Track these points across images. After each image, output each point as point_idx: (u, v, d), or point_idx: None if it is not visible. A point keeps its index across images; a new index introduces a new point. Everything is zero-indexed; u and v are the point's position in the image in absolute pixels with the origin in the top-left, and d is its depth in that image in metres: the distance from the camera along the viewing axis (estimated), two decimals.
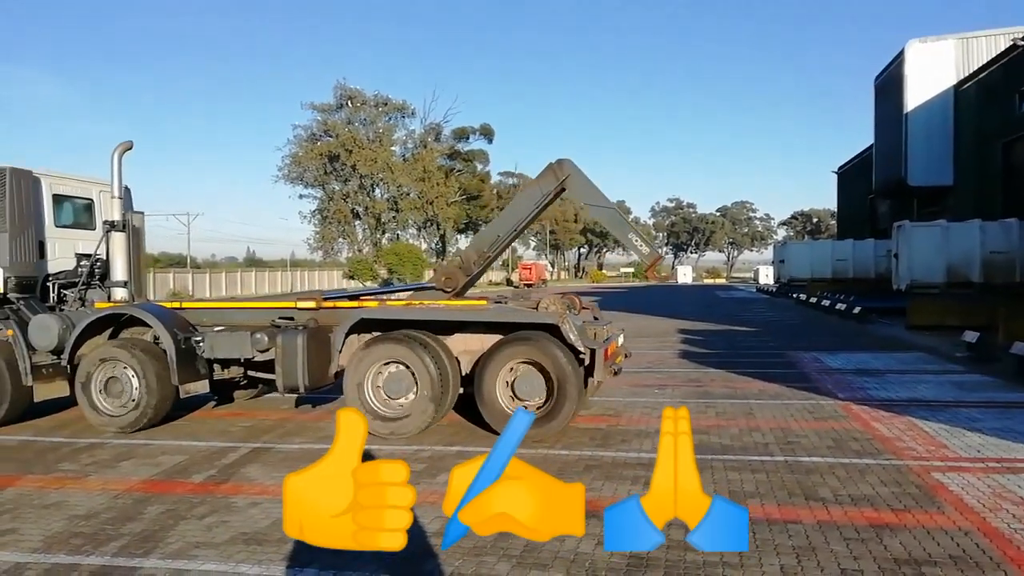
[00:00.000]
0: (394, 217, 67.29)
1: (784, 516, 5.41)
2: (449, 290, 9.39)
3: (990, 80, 28.10)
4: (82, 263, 9.75)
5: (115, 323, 9.20)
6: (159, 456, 7.63)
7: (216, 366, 9.14)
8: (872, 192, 39.08)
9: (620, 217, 9.25)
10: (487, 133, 79.45)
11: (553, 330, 7.89)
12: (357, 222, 65.21)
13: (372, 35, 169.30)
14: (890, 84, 33.82)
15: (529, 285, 64.12)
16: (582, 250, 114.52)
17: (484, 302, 9.19)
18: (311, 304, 9.10)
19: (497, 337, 8.34)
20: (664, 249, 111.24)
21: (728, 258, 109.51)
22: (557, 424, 7.79)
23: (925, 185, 31.16)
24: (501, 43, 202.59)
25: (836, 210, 57.85)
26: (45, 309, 9.38)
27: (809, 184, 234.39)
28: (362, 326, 8.52)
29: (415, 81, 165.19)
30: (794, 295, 36.34)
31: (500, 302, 9.06)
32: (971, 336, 14.61)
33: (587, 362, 7.81)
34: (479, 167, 79.14)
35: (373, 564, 4.72)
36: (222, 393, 10.22)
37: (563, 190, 9.12)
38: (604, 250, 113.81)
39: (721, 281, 78.96)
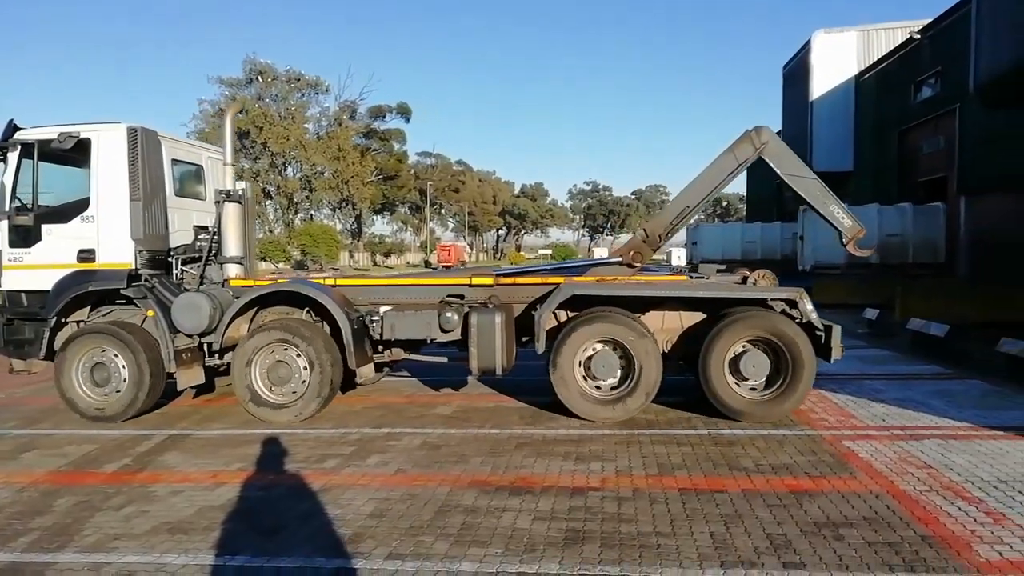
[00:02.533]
0: (307, 197, 65.55)
1: (711, 486, 5.60)
2: (637, 265, 9.03)
3: (888, 71, 29.62)
4: (201, 236, 8.94)
5: (258, 304, 8.48)
6: (65, 447, 7.21)
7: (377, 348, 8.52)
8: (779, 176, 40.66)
9: (823, 188, 8.75)
10: (405, 112, 78.19)
11: (792, 305, 7.71)
12: (268, 202, 63.19)
13: (284, 9, 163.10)
14: (797, 73, 35.19)
15: (447, 267, 63.74)
16: (500, 232, 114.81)
17: (684, 278, 8.98)
18: (487, 280, 8.58)
19: (699, 316, 8.11)
20: (581, 232, 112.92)
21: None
22: (791, 405, 7.54)
23: (828, 170, 32.55)
24: (420, 22, 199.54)
25: (745, 194, 59.95)
26: (180, 288, 8.60)
27: None
28: (569, 303, 7.98)
29: (330, 58, 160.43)
30: None
31: (700, 277, 8.86)
32: (871, 313, 15.51)
33: (823, 339, 7.61)
34: (396, 146, 77.94)
35: (307, 547, 4.61)
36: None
37: (760, 158, 8.79)
38: (522, 232, 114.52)
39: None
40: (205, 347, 8.38)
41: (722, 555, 4.36)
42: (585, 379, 7.76)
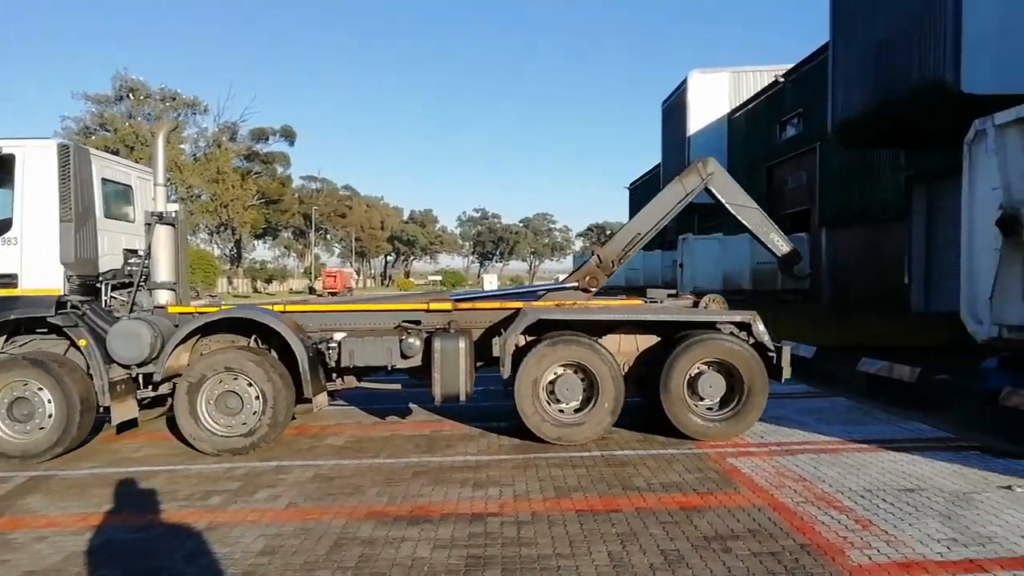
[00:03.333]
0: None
1: (606, 506, 5.73)
2: (592, 289, 9.06)
3: (757, 110, 31.78)
4: (131, 260, 8.29)
5: (198, 332, 7.96)
6: None
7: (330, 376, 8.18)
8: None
9: (764, 217, 9.13)
10: (288, 135, 76.33)
11: (746, 328, 7.94)
12: None
13: (157, 26, 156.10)
14: (675, 109, 37.12)
15: (333, 293, 62.20)
16: (389, 258, 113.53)
17: (639, 302, 9.00)
18: (446, 305, 8.42)
19: (654, 339, 8.20)
20: (471, 258, 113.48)
21: (531, 267, 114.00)
22: (746, 425, 7.81)
23: (705, 202, 34.44)
24: (310, 45, 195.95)
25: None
26: (112, 315, 7.94)
27: (603, 198, 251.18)
28: (533, 328, 7.91)
29: (211, 78, 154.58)
30: None
31: (654, 302, 8.92)
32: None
33: (775, 361, 7.87)
34: (280, 170, 75.80)
35: None
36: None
37: (706, 189, 9.07)
38: (411, 258, 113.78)
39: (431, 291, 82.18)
40: (140, 379, 7.87)
41: (620, 573, 4.46)
42: (549, 403, 7.80)
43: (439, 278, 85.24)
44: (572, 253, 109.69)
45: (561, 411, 7.82)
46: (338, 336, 8.10)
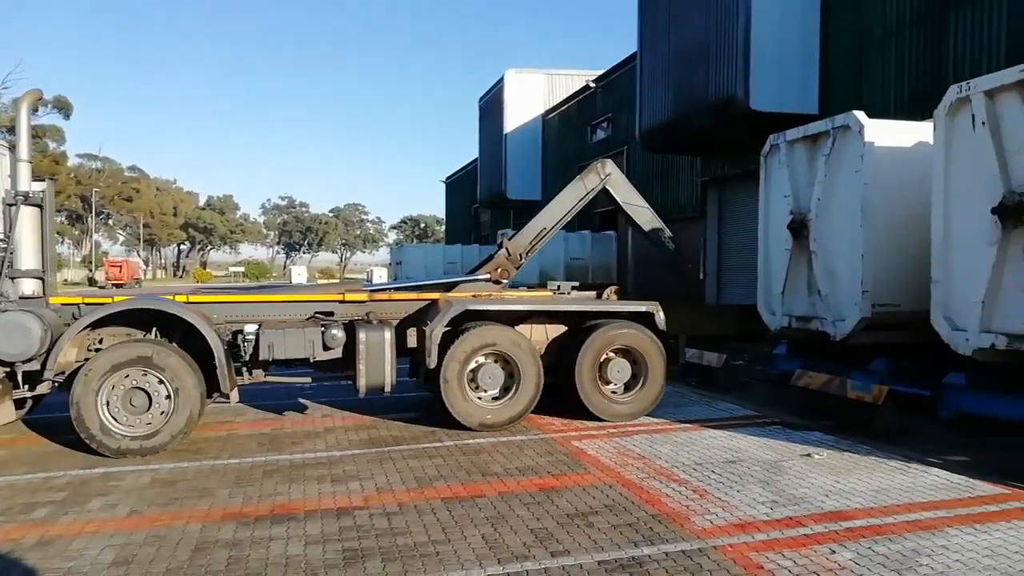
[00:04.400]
0: None
1: (470, 493, 5.92)
2: (503, 281, 9.37)
3: (570, 113, 33.42)
4: None
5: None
6: None
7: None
8: (477, 202, 43.42)
9: (652, 215, 9.93)
10: (64, 107, 68.37)
11: (647, 318, 8.57)
12: None
13: None
14: (492, 106, 38.00)
15: (119, 285, 56.70)
16: (183, 247, 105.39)
17: (549, 293, 9.29)
18: (361, 296, 8.34)
19: (560, 328, 8.57)
20: (276, 249, 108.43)
21: (341, 259, 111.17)
22: (649, 405, 8.51)
23: (520, 199, 35.73)
24: (91, 7, 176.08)
25: (444, 216, 62.91)
26: None
27: (417, 191, 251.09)
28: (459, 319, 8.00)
29: None
30: None
31: (562, 294, 9.31)
32: None
33: (674, 347, 8.67)
34: (52, 145, 67.72)
35: None
36: None
37: (604, 188, 9.59)
38: (208, 248, 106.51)
39: (335, 281, 79.80)
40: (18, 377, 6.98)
41: (497, 553, 4.68)
42: (473, 389, 7.99)
43: (241, 269, 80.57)
44: (386, 245, 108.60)
45: (480, 397, 8.05)
46: (250, 328, 7.72)
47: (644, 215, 10.08)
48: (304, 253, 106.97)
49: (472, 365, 8.01)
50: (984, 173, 6.98)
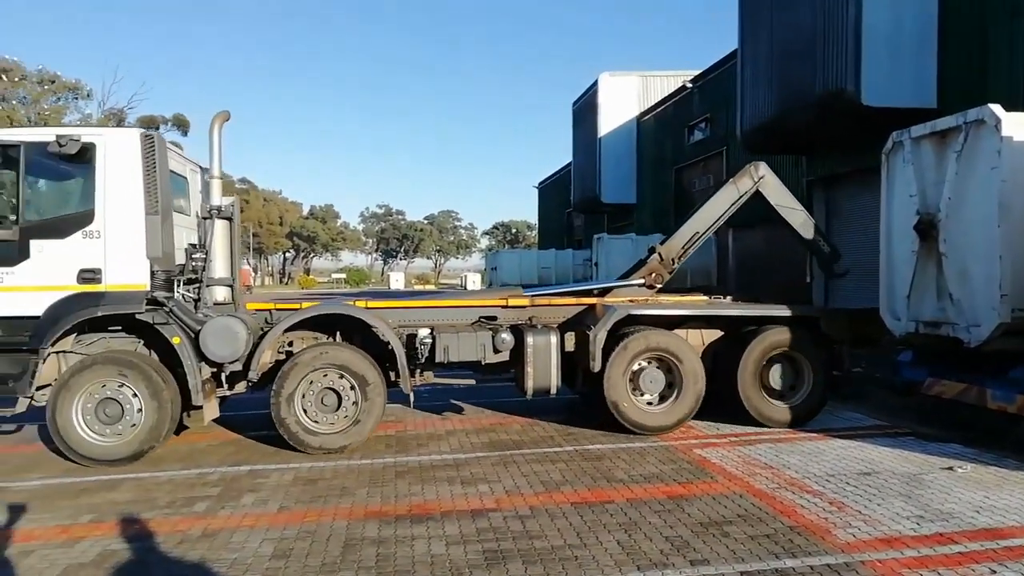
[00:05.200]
0: None
1: (598, 498, 5.98)
2: (658, 285, 9.44)
3: (665, 114, 32.97)
4: (195, 256, 7.72)
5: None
6: None
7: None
8: (570, 206, 43.43)
9: (808, 218, 9.64)
10: (182, 124, 72.41)
11: (812, 322, 8.58)
12: None
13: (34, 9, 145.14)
14: (586, 110, 37.95)
15: None
16: (288, 255, 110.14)
17: (705, 299, 9.49)
18: (523, 301, 8.62)
19: (715, 333, 8.62)
20: (374, 255, 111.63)
21: (436, 265, 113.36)
22: (811, 414, 8.54)
23: (615, 202, 35.52)
24: (204, 34, 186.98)
25: (536, 221, 63.17)
26: (195, 313, 7.59)
27: (508, 196, 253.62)
28: (622, 323, 8.18)
29: (97, 63, 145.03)
30: None
31: (718, 298, 9.48)
32: None
33: (839, 353, 8.69)
34: None
35: None
36: None
37: (757, 191, 9.50)
38: (312, 255, 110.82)
39: (431, 287, 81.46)
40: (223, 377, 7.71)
41: (635, 560, 4.71)
42: (634, 393, 8.18)
43: (343, 276, 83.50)
44: (478, 251, 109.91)
45: (638, 402, 8.22)
46: (423, 332, 8.17)
47: (798, 218, 9.86)
48: (401, 259, 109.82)
49: (635, 368, 8.15)
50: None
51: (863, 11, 15.55)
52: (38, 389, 7.14)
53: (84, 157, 7.17)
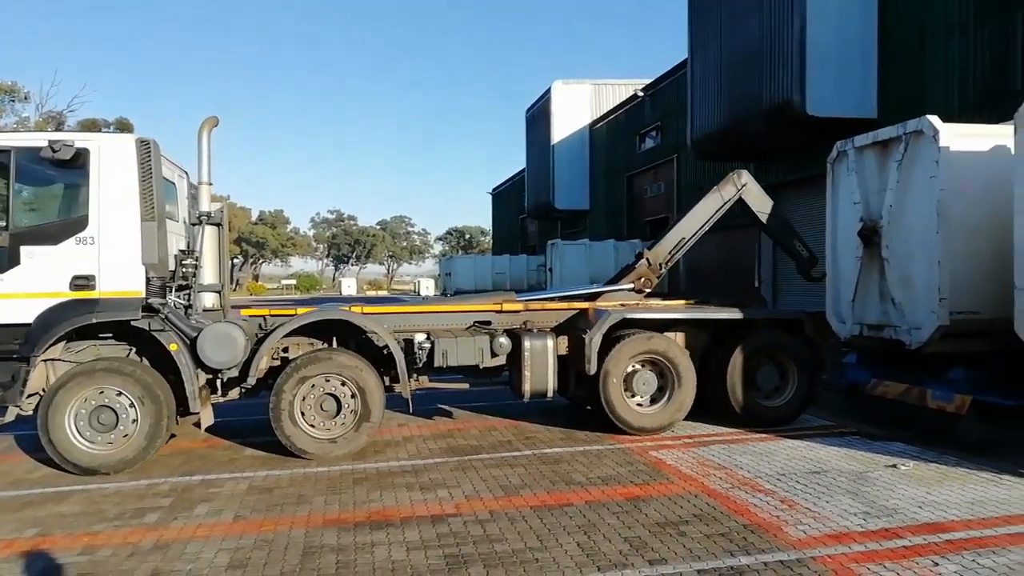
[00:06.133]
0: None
1: (557, 501, 6.03)
2: (647, 289, 9.56)
3: (617, 122, 33.42)
4: (185, 262, 7.65)
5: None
6: None
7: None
8: (524, 212, 43.64)
9: (788, 225, 9.94)
10: (125, 128, 70.51)
11: (796, 325, 8.92)
12: None
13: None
14: (539, 118, 38.23)
15: None
16: (235, 261, 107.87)
17: (690, 302, 9.56)
18: (517, 306, 8.70)
19: (702, 336, 8.78)
20: (325, 261, 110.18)
21: (388, 270, 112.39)
22: (796, 413, 8.84)
23: (568, 208, 35.85)
24: (150, 37, 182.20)
25: (491, 227, 63.30)
26: (189, 319, 7.51)
27: (462, 202, 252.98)
28: (617, 326, 8.35)
29: (33, 65, 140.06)
30: None
31: (705, 303, 9.53)
32: None
33: (821, 354, 8.97)
34: None
35: None
36: None
37: (740, 198, 9.70)
38: (261, 261, 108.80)
39: (384, 293, 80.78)
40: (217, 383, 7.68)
41: (595, 561, 4.78)
42: (627, 395, 8.33)
43: (293, 282, 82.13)
44: (431, 256, 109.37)
45: (640, 404, 8.39)
46: (420, 336, 8.17)
47: (779, 224, 10.21)
48: (352, 265, 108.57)
49: (629, 370, 8.31)
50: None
51: (807, 26, 16.08)
52: (27, 398, 6.97)
53: (77, 163, 7.05)
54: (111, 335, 7.45)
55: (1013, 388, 7.86)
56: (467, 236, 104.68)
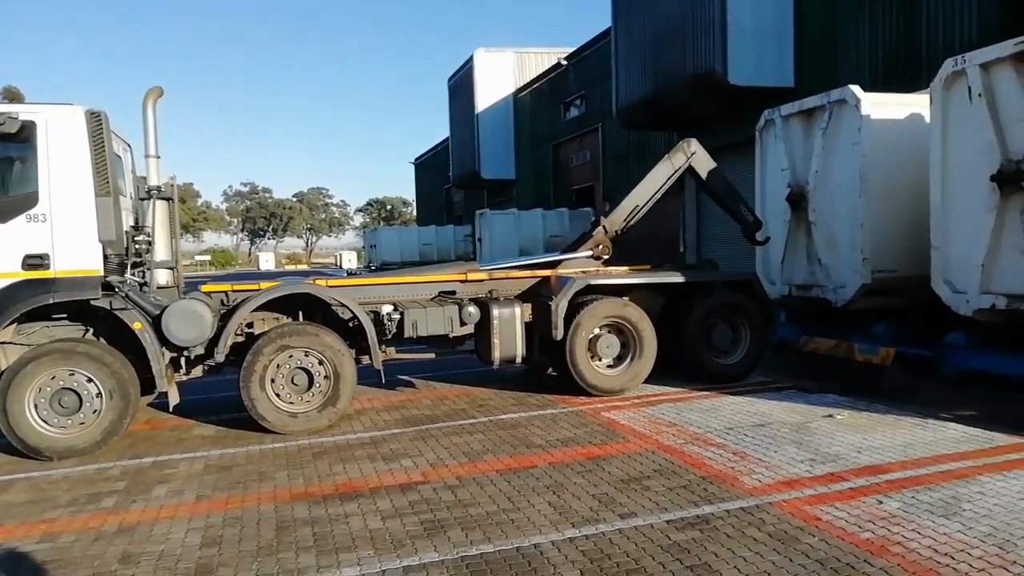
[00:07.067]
0: None
1: (521, 464, 6.18)
2: (605, 257, 9.77)
3: (541, 91, 33.49)
4: (137, 239, 7.44)
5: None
6: None
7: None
8: (449, 182, 43.34)
9: (734, 191, 10.19)
10: (14, 97, 66.18)
11: (746, 286, 9.52)
12: None
13: None
14: (462, 86, 37.86)
15: None
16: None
17: (648, 268, 9.96)
18: (482, 275, 8.87)
19: (661, 300, 9.17)
20: (240, 236, 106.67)
21: (307, 244, 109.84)
22: (752, 367, 9.39)
23: (494, 178, 35.83)
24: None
25: (414, 198, 62.61)
26: (149, 296, 7.28)
27: (382, 172, 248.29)
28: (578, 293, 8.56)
29: None
30: None
31: (661, 269, 9.96)
32: None
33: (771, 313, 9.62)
34: None
35: None
36: None
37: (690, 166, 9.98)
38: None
39: (304, 267, 78.95)
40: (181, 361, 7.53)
41: (568, 518, 4.95)
42: (592, 358, 8.57)
43: (207, 258, 79.32)
44: (352, 228, 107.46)
45: (597, 367, 8.65)
46: (387, 308, 8.13)
47: (726, 189, 10.61)
48: (269, 239, 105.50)
49: (592, 335, 8.52)
50: (981, 143, 7.32)
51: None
52: None
53: (22, 136, 6.66)
54: (65, 315, 7.13)
55: (930, 339, 8.48)
56: (389, 207, 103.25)
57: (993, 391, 7.73)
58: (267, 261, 74.44)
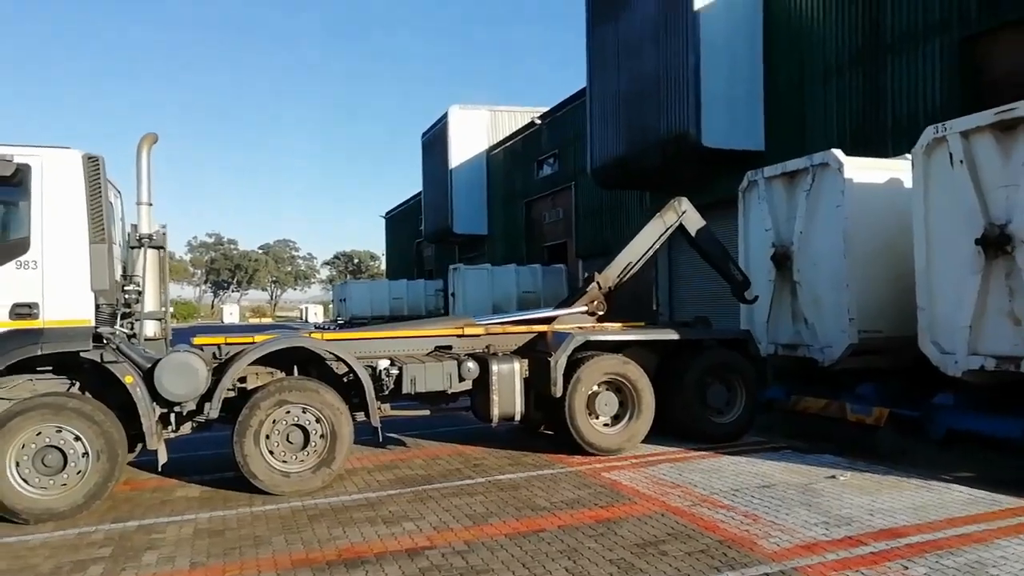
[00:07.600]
0: None
1: (530, 528, 5.99)
2: (600, 313, 9.73)
3: (515, 149, 33.99)
4: (127, 288, 7.24)
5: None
6: None
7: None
8: (420, 237, 43.37)
9: (724, 250, 10.21)
10: None
11: (740, 344, 9.46)
12: None
13: None
14: (436, 142, 38.28)
15: None
16: None
17: (642, 324, 10.02)
18: (479, 330, 8.72)
19: (654, 357, 9.07)
20: (204, 287, 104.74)
21: (272, 296, 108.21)
22: (747, 427, 9.36)
23: (467, 233, 35.97)
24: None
25: (384, 251, 62.40)
26: (140, 349, 7.10)
27: (350, 226, 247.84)
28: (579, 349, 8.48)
29: None
30: None
31: (652, 325, 10.20)
32: None
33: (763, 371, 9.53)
34: None
35: None
36: None
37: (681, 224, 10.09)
38: None
39: (268, 320, 77.64)
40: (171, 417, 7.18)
41: None
42: (590, 416, 8.47)
43: (169, 309, 77.55)
44: (318, 282, 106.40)
45: (605, 424, 8.59)
46: (383, 363, 7.90)
47: (716, 249, 10.74)
48: (233, 291, 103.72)
49: (591, 392, 8.45)
50: (963, 207, 7.54)
51: (701, 62, 17.07)
52: None
53: (15, 179, 6.43)
54: (50, 367, 6.81)
55: (917, 399, 8.56)
56: (356, 260, 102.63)
57: (984, 451, 7.79)
58: (231, 314, 73.08)
